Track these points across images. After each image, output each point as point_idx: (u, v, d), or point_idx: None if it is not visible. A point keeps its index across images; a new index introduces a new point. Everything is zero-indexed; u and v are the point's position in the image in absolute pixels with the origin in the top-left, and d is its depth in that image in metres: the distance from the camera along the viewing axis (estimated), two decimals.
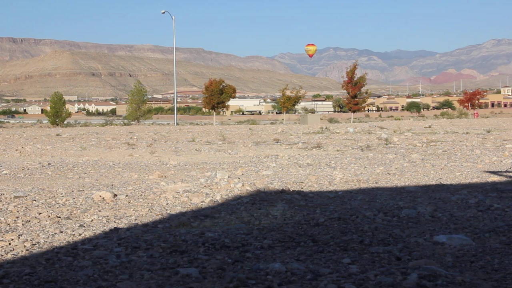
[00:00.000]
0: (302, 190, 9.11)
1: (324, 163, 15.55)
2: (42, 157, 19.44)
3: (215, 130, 42.27)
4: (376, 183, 10.41)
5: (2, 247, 5.31)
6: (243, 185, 8.54)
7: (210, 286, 4.10)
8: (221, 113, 74.69)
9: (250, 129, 43.80)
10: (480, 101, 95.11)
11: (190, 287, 4.08)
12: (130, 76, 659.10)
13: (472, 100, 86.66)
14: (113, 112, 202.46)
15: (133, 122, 66.59)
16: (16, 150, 22.72)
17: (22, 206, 7.48)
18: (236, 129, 44.24)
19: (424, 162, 14.92)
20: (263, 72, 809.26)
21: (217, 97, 67.12)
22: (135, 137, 31.68)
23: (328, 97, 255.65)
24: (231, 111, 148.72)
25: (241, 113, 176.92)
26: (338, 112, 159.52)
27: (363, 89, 68.15)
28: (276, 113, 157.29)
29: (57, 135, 34.63)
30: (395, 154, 18.24)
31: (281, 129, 41.21)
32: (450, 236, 5.61)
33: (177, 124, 62.94)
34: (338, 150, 20.88)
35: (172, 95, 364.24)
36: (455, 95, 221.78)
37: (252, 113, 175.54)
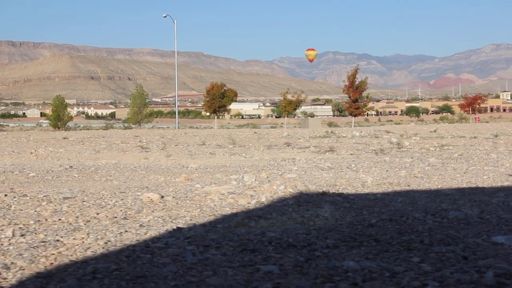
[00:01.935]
0: (341, 192, 9.29)
1: (344, 166, 15.74)
2: (60, 160, 19.58)
3: (221, 133, 42.46)
4: (408, 186, 10.60)
5: (78, 245, 5.47)
6: (285, 187, 8.72)
7: (296, 282, 4.27)
8: (220, 117, 74.75)
9: (255, 132, 44.01)
10: (481, 105, 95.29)
11: (277, 283, 4.24)
12: (129, 79, 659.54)
13: (473, 104, 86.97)
14: (112, 115, 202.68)
15: (133, 126, 66.79)
16: (31, 153, 22.84)
17: (75, 207, 7.65)
18: (241, 132, 44.42)
19: (445, 166, 15.10)
20: (262, 76, 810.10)
21: (218, 100, 67.48)
22: (144, 141, 31.84)
23: (327, 101, 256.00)
24: (230, 115, 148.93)
25: (241, 117, 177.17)
26: (337, 116, 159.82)
27: (364, 94, 68.51)
28: (276, 117, 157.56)
29: (64, 138, 34.75)
30: (411, 158, 18.42)
31: (286, 133, 41.43)
32: (508, 237, 5.78)
33: (178, 127, 63.07)
34: (352, 154, 21.06)
35: (171, 99, 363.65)
36: (454, 100, 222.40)
37: (252, 117, 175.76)
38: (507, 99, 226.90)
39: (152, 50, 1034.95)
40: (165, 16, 70.05)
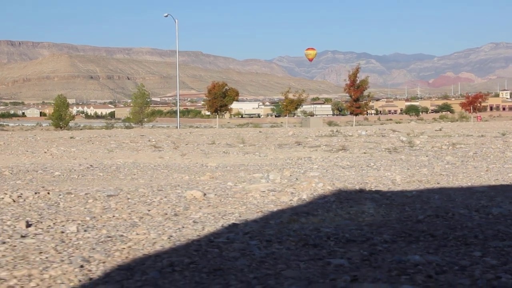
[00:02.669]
0: (378, 190, 9.42)
1: (363, 164, 15.85)
2: (76, 159, 19.65)
3: (227, 133, 42.57)
4: (438, 183, 10.74)
5: (143, 240, 5.59)
6: (324, 185, 8.86)
7: (371, 274, 4.40)
8: (220, 116, 74.97)
9: (260, 131, 44.15)
10: (481, 104, 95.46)
11: (354, 275, 4.37)
12: (128, 79, 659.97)
13: (474, 103, 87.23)
14: (112, 115, 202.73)
15: (134, 125, 66.89)
16: (45, 152, 22.92)
17: (123, 204, 7.76)
18: (246, 132, 44.51)
19: (464, 164, 15.24)
20: (261, 75, 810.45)
21: (220, 100, 67.73)
22: (153, 140, 31.93)
23: (326, 100, 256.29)
24: (230, 114, 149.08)
25: (240, 116, 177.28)
26: (337, 115, 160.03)
27: (365, 92, 68.77)
28: (275, 116, 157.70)
29: (71, 137, 34.80)
30: (427, 156, 18.56)
31: (292, 132, 41.57)
32: None
33: (178, 127, 63.12)
34: (365, 153, 21.17)
35: (170, 98, 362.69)
36: (453, 99, 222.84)
37: (251, 116, 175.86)
38: (507, 98, 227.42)
39: (151, 50, 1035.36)
40: (166, 16, 70.02)
